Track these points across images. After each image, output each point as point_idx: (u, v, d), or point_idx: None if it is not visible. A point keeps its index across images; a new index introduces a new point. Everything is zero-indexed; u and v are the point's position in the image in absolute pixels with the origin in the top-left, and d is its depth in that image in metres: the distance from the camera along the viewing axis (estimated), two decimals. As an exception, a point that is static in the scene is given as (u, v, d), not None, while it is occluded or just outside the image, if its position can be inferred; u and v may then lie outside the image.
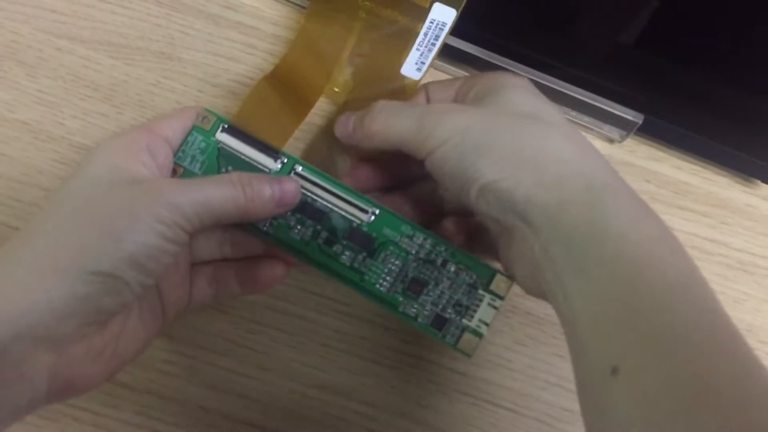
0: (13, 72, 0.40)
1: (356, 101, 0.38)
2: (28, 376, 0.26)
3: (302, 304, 0.39)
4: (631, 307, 0.25)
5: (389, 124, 0.33)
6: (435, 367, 0.39)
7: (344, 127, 0.35)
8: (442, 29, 0.37)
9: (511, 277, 0.34)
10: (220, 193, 0.30)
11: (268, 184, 0.32)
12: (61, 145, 0.39)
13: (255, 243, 0.36)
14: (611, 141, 0.43)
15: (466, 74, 0.42)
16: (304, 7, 0.42)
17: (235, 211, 0.31)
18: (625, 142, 0.42)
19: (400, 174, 0.38)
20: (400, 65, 0.38)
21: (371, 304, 0.38)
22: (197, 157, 0.35)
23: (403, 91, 0.39)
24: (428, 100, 0.37)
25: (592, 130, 0.42)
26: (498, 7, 0.40)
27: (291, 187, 0.33)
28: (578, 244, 0.27)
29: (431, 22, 0.37)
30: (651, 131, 0.41)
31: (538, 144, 0.30)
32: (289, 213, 0.34)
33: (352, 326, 0.39)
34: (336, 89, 0.41)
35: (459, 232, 0.35)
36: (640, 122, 0.40)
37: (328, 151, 0.41)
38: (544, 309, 0.40)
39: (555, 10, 0.41)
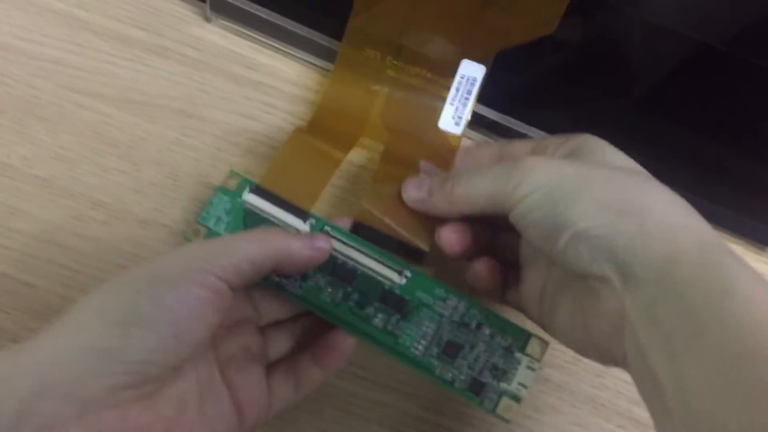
0: (33, 128, 0.40)
1: (395, 155, 0.38)
2: None
3: (319, 367, 0.39)
4: (759, 378, 0.23)
5: (474, 183, 0.32)
6: (454, 435, 0.39)
7: (417, 191, 0.35)
8: (473, 84, 0.38)
9: (545, 341, 0.33)
10: (249, 239, 0.30)
11: (296, 234, 0.32)
12: (79, 201, 0.39)
13: (324, 322, 0.35)
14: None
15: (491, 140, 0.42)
16: (325, 69, 0.43)
17: (266, 250, 0.30)
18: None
19: (481, 237, 0.36)
20: (436, 120, 0.39)
21: (390, 370, 0.38)
22: (222, 218, 0.35)
23: (446, 142, 0.39)
24: (500, 156, 0.36)
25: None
26: (519, 74, 0.41)
27: (320, 237, 0.33)
28: (693, 303, 0.25)
29: (461, 78, 0.38)
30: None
31: (640, 194, 0.28)
32: (320, 275, 0.34)
33: (371, 391, 0.39)
34: (370, 142, 0.41)
35: (490, 278, 0.34)
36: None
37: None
38: (562, 376, 0.40)
39: (577, 79, 0.42)
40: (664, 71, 0.40)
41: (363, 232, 0.35)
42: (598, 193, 0.28)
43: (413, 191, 0.35)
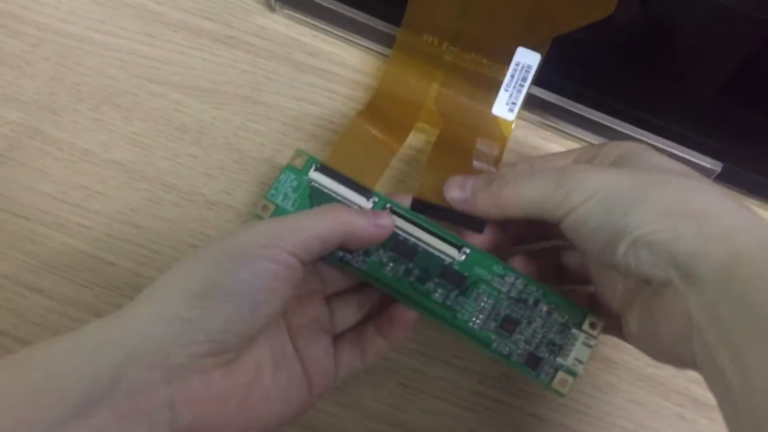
0: (110, 114, 0.42)
1: (448, 140, 0.39)
2: (145, 409, 0.25)
3: (380, 343, 0.40)
4: None
5: (522, 188, 0.32)
6: (512, 410, 0.39)
7: (460, 191, 0.35)
8: (528, 71, 0.39)
9: (602, 319, 0.34)
10: (317, 216, 0.31)
11: (357, 208, 0.33)
12: (153, 184, 0.41)
13: (387, 295, 0.36)
14: (687, 188, 0.43)
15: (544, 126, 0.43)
16: (384, 54, 0.44)
17: (334, 226, 0.31)
18: (701, 189, 0.42)
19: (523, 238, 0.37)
20: (491, 106, 0.40)
21: (449, 346, 0.39)
22: (289, 195, 0.36)
23: (498, 128, 0.40)
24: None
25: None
26: (577, 57, 0.41)
27: (384, 214, 0.34)
28: (755, 303, 0.24)
29: (516, 65, 0.39)
30: (730, 179, 0.41)
31: (696, 196, 0.28)
32: (382, 251, 0.35)
33: (430, 366, 0.40)
34: (426, 126, 0.42)
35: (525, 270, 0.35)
36: (719, 170, 0.40)
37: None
38: (620, 354, 0.40)
39: (634, 61, 0.42)
40: (723, 51, 0.40)
41: (422, 207, 0.36)
42: (655, 197, 0.28)
43: (456, 191, 0.35)
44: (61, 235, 0.40)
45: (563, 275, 0.37)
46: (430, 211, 0.36)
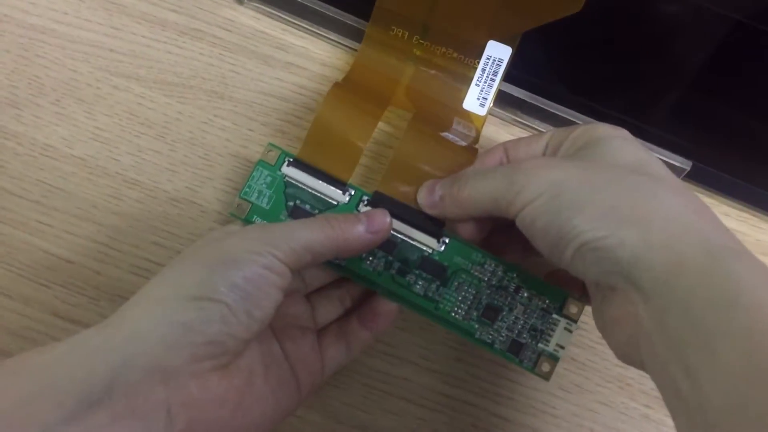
0: (72, 109, 0.41)
1: (418, 132, 0.39)
2: (141, 412, 0.25)
3: (346, 343, 0.40)
4: None
5: (478, 187, 0.32)
6: (477, 411, 0.39)
7: (430, 196, 0.35)
8: (499, 65, 0.38)
9: (582, 302, 0.34)
10: (310, 228, 0.31)
11: (353, 215, 0.33)
12: (115, 180, 0.40)
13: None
14: (658, 186, 0.43)
15: (518, 119, 0.42)
16: (354, 49, 0.43)
17: (326, 241, 0.31)
18: (672, 188, 0.42)
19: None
20: (461, 101, 0.39)
21: (415, 346, 0.39)
22: (264, 192, 0.36)
23: (470, 121, 0.39)
24: (508, 159, 0.35)
25: (655, 157, 0.42)
26: (548, 54, 0.41)
27: (377, 216, 0.33)
28: (699, 315, 0.24)
29: (488, 59, 0.38)
30: (699, 178, 0.41)
31: (645, 199, 0.27)
32: None
33: (396, 367, 0.39)
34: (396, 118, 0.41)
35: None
36: (688, 168, 0.40)
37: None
38: (588, 355, 0.40)
39: (604, 58, 0.42)
40: (693, 49, 0.39)
41: (383, 203, 0.36)
42: (602, 200, 0.28)
43: (425, 196, 0.35)
44: (19, 232, 0.39)
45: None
46: (390, 207, 0.35)
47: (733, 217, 0.43)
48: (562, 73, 0.41)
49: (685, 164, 0.40)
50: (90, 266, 0.39)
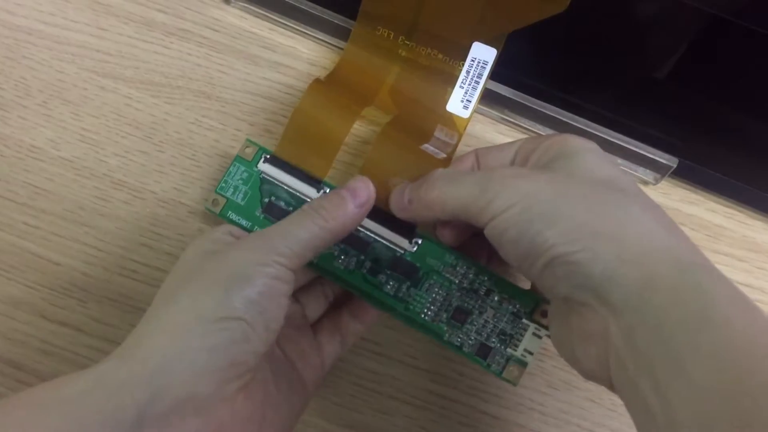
0: (59, 110, 0.41)
1: (389, 139, 0.38)
2: None
3: (334, 342, 0.40)
4: (743, 411, 0.21)
5: (447, 191, 0.31)
6: (465, 409, 0.39)
7: (399, 200, 0.34)
8: (484, 67, 0.38)
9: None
10: (304, 226, 0.31)
11: (337, 195, 0.32)
12: (102, 182, 0.40)
13: None
14: (645, 183, 0.43)
15: (504, 119, 0.42)
16: (341, 48, 0.43)
17: (324, 234, 0.31)
18: (659, 185, 0.42)
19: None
20: (445, 102, 0.39)
21: (403, 344, 0.39)
22: (240, 188, 0.36)
23: (453, 125, 0.39)
24: (479, 166, 0.35)
25: (626, 172, 0.42)
26: (534, 52, 0.41)
27: (358, 183, 0.33)
28: (670, 332, 0.24)
29: (472, 60, 0.38)
30: (685, 174, 0.41)
31: (617, 215, 0.27)
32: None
33: (384, 365, 0.39)
34: (376, 118, 0.41)
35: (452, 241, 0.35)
36: (675, 165, 0.40)
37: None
38: (576, 352, 0.40)
39: (590, 53, 0.42)
40: (679, 47, 0.39)
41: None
42: (572, 214, 0.27)
43: (396, 200, 0.35)
44: (6, 234, 0.39)
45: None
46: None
47: (719, 214, 0.43)
48: (549, 71, 0.41)
49: (671, 161, 0.40)
50: (78, 268, 0.39)
